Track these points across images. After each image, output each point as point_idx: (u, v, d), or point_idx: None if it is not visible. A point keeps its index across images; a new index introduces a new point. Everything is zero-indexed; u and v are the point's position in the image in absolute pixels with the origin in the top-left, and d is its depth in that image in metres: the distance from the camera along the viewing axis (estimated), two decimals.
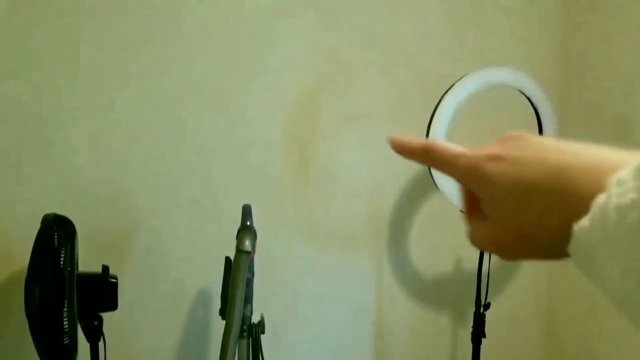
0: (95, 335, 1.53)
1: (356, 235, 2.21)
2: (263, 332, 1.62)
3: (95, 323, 1.53)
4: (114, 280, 1.53)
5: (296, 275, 2.15)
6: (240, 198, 2.00)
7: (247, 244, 1.49)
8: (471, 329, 2.00)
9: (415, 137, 0.52)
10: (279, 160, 2.09)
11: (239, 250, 1.49)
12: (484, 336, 1.96)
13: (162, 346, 2.01)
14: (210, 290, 2.05)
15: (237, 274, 1.49)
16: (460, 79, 1.74)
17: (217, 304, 2.01)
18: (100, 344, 1.53)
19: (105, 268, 1.56)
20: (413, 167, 2.25)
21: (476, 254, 2.34)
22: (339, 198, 2.17)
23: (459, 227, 1.92)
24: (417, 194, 2.28)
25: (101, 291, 1.52)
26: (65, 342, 1.33)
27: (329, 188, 2.16)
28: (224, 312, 1.69)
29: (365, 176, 2.20)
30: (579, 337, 2.32)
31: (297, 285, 2.15)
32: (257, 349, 1.60)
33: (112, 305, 1.53)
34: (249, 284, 1.60)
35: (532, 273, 2.46)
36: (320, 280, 2.18)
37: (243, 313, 1.53)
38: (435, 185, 1.78)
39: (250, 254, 1.50)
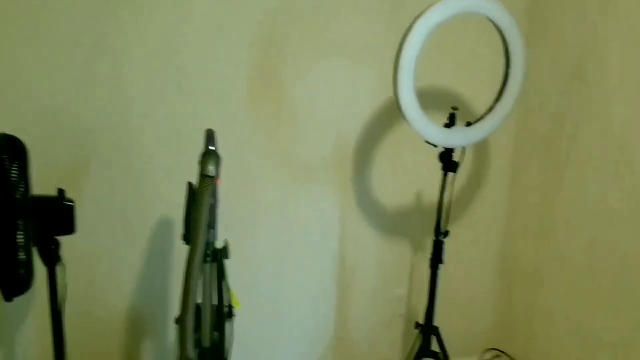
0: (52, 258, 1.49)
1: (322, 167, 2.20)
2: (227, 257, 1.61)
3: (52, 246, 1.49)
4: (70, 203, 1.47)
5: (265, 202, 2.13)
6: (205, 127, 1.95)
7: (211, 169, 1.45)
8: (426, 252, 2.07)
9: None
10: (248, 94, 2.02)
11: (203, 175, 1.45)
12: (442, 262, 2.03)
13: (123, 271, 1.99)
14: (172, 216, 2.02)
15: (201, 199, 1.46)
16: (432, 5, 1.69)
17: (178, 230, 1.99)
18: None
19: (61, 191, 1.49)
20: (377, 103, 2.23)
21: (433, 184, 2.38)
22: (306, 132, 2.14)
23: (420, 160, 1.95)
24: (380, 129, 2.26)
25: (57, 214, 1.46)
26: (20, 258, 1.29)
27: (298, 122, 2.12)
28: (187, 237, 1.67)
29: (331, 111, 2.17)
30: (529, 257, 2.44)
31: (265, 212, 2.14)
32: (221, 273, 1.60)
33: (69, 228, 1.48)
34: (213, 209, 1.57)
35: (490, 203, 2.53)
36: (287, 209, 2.17)
37: (207, 238, 1.51)
38: (403, 115, 1.76)
39: (214, 179, 1.46)
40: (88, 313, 1.97)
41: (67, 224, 1.47)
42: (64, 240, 1.48)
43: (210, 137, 1.51)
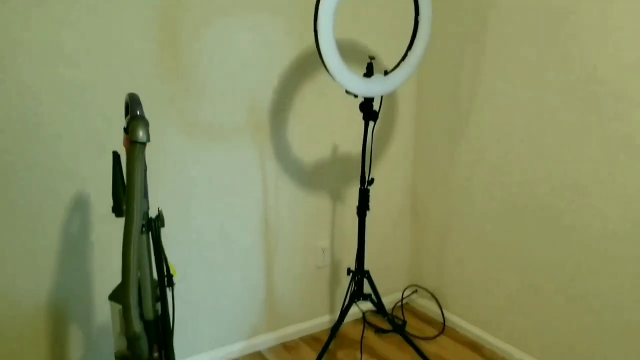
0: None
1: (240, 130, 2.15)
2: (163, 226, 1.54)
3: None
4: None
5: (188, 171, 2.06)
6: (118, 93, 1.83)
7: (141, 134, 1.36)
8: (348, 206, 2.14)
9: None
10: (159, 57, 1.89)
11: (134, 142, 1.36)
12: (368, 209, 2.11)
13: (37, 261, 1.84)
14: (86, 192, 1.88)
15: (134, 166, 1.37)
16: None
17: (94, 205, 1.87)
18: None
19: None
20: (290, 57, 2.21)
21: (350, 139, 2.45)
22: (221, 97, 2.07)
23: (335, 111, 1.99)
24: (293, 86, 2.26)
25: None
26: None
27: (211, 89, 2.04)
28: (117, 209, 1.58)
29: (244, 73, 2.11)
30: (436, 197, 2.61)
31: (190, 181, 2.07)
32: (158, 242, 1.54)
33: None
34: (144, 177, 1.49)
35: (398, 149, 2.65)
36: (211, 175, 2.12)
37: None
38: (325, 66, 1.77)
39: (145, 145, 1.38)
40: (4, 315, 1.81)
41: None
42: None
43: (135, 101, 1.42)
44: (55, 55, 1.72)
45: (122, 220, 1.80)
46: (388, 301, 2.74)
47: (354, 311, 2.67)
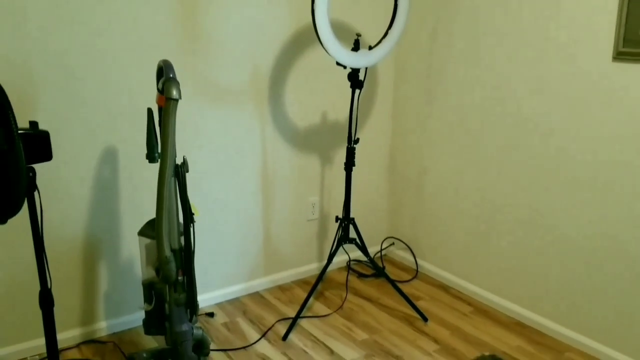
0: (31, 186, 1.64)
1: (242, 92, 2.47)
2: (187, 171, 1.87)
3: (30, 174, 1.64)
4: (46, 132, 1.63)
5: (198, 126, 2.37)
6: (134, 62, 2.13)
7: (175, 92, 1.68)
8: (336, 165, 2.47)
9: None
10: (171, 26, 2.20)
11: (169, 99, 1.67)
12: (354, 165, 2.46)
13: (72, 202, 2.15)
14: (115, 145, 2.19)
15: (168, 120, 1.69)
16: None
17: (122, 158, 2.19)
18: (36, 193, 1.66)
19: (34, 123, 1.64)
20: (288, 31, 2.53)
21: (338, 105, 2.79)
22: (225, 60, 2.38)
23: (324, 83, 2.41)
24: (290, 55, 2.58)
25: (34, 144, 1.61)
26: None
27: (217, 51, 2.35)
28: (150, 156, 1.90)
29: (247, 40, 2.42)
30: (411, 155, 2.98)
31: (200, 134, 2.38)
32: (184, 184, 1.86)
33: (47, 156, 1.64)
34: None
35: (379, 113, 3.00)
36: (218, 130, 2.43)
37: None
38: (320, 41, 2.10)
39: (178, 101, 1.70)
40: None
41: (45, 152, 1.63)
42: None
43: (168, 66, 1.73)
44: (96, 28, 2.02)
45: (149, 166, 2.14)
46: (369, 252, 3.12)
47: (339, 259, 3.04)
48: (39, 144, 1.61)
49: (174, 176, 1.84)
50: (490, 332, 2.43)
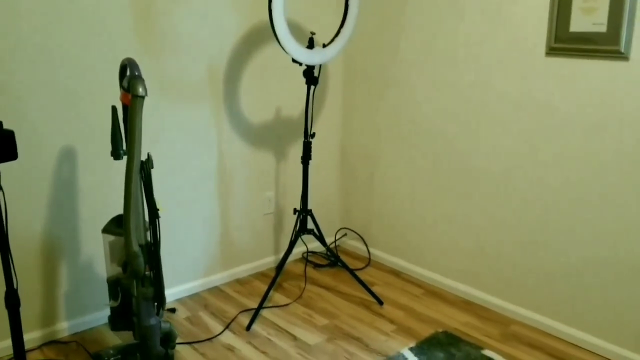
0: None
1: (198, 89, 2.51)
2: (152, 167, 1.90)
3: None
4: (11, 132, 1.62)
5: (153, 123, 2.39)
6: (93, 59, 2.13)
7: (141, 90, 1.71)
8: (290, 160, 2.55)
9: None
10: (128, 23, 2.21)
11: (135, 96, 1.70)
12: (310, 158, 2.55)
13: (32, 202, 2.12)
14: (74, 144, 2.18)
15: (134, 117, 1.72)
16: None
17: (80, 153, 2.19)
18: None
19: None
20: (242, 29, 2.58)
21: (291, 101, 2.87)
22: (181, 57, 2.41)
23: (278, 81, 2.52)
24: (245, 54, 2.64)
25: (0, 143, 1.61)
26: None
27: (172, 48, 2.38)
28: (116, 154, 1.92)
29: (202, 37, 2.46)
30: (362, 148, 3.11)
31: (153, 130, 2.40)
32: (148, 180, 1.89)
33: (13, 155, 1.64)
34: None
35: (330, 107, 3.11)
36: (173, 127, 2.46)
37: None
38: (277, 39, 2.17)
39: (144, 98, 1.73)
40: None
41: (10, 151, 1.62)
42: None
43: (133, 64, 1.76)
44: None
45: (109, 163, 2.15)
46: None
47: (295, 251, 3.13)
48: (4, 143, 1.60)
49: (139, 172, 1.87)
50: (441, 311, 2.60)
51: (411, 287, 2.84)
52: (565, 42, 2.14)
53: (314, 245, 3.18)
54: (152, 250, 1.95)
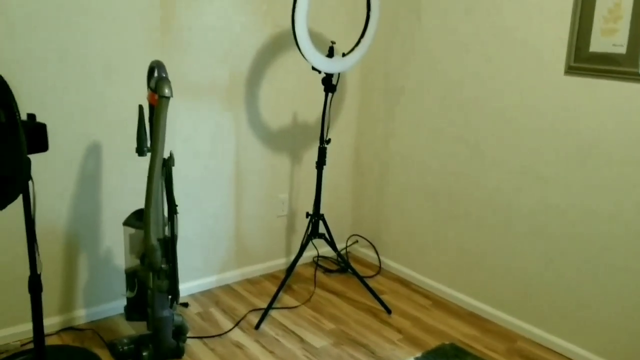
0: (27, 175, 1.72)
1: (219, 92, 2.59)
2: (173, 165, 1.97)
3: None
4: (43, 125, 1.71)
5: (177, 122, 2.47)
6: (122, 59, 2.21)
7: (167, 90, 1.79)
8: (305, 164, 2.61)
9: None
10: (154, 27, 2.30)
11: (161, 96, 1.78)
12: (325, 164, 2.61)
13: (58, 194, 2.21)
14: (100, 139, 2.27)
15: (160, 116, 1.80)
16: None
17: (105, 149, 2.27)
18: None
19: (32, 115, 1.72)
20: (264, 36, 2.66)
21: (308, 107, 2.94)
22: (204, 61, 2.50)
23: (296, 86, 2.59)
24: (265, 61, 2.71)
25: (33, 135, 1.69)
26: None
27: (196, 52, 2.46)
28: (140, 150, 2.00)
29: (225, 44, 2.54)
30: (376, 157, 3.16)
31: (174, 130, 2.48)
32: (170, 176, 1.97)
33: (44, 146, 1.72)
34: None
35: (346, 116, 3.17)
36: (195, 126, 2.54)
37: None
38: (299, 47, 2.24)
39: (169, 99, 1.81)
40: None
41: (41, 143, 1.71)
42: None
43: (160, 66, 1.84)
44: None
45: (132, 159, 2.23)
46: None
47: (305, 255, 3.18)
48: (36, 136, 1.69)
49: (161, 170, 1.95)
50: (448, 323, 2.63)
51: (419, 298, 2.88)
52: (584, 61, 2.18)
53: (325, 250, 3.23)
54: (169, 245, 2.02)
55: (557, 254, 2.37)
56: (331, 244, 2.71)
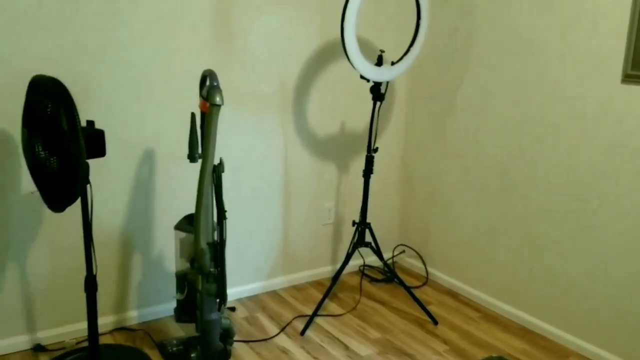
0: (85, 179, 1.80)
1: (268, 100, 2.64)
2: (223, 171, 2.02)
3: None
4: (101, 131, 1.79)
5: (227, 130, 2.54)
6: (176, 69, 2.29)
7: (218, 99, 1.84)
8: (352, 172, 2.62)
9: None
10: (209, 39, 2.37)
11: (213, 104, 1.84)
12: (372, 172, 2.61)
13: (113, 198, 2.31)
14: (154, 146, 2.36)
15: (211, 124, 1.85)
16: None
17: (159, 160, 2.35)
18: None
19: (91, 122, 1.80)
20: (313, 46, 2.70)
21: (356, 115, 2.95)
22: (255, 70, 2.55)
23: (344, 95, 2.61)
24: (314, 70, 2.75)
25: (91, 140, 1.78)
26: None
27: (247, 61, 2.52)
28: (191, 157, 2.06)
29: (276, 53, 2.59)
30: (424, 168, 3.13)
31: (224, 137, 2.55)
32: (219, 182, 2.01)
33: (102, 152, 1.80)
34: None
35: (393, 125, 3.16)
36: (245, 135, 2.60)
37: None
38: (347, 56, 2.26)
39: (220, 107, 1.86)
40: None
41: (99, 149, 1.79)
42: None
43: (213, 75, 1.90)
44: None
45: (183, 165, 2.30)
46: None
47: (351, 264, 3.18)
48: (95, 141, 1.77)
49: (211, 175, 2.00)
50: (496, 336, 2.56)
51: (468, 310, 2.82)
52: None
53: (371, 259, 3.22)
54: (218, 249, 2.07)
55: (622, 271, 2.27)
56: (377, 253, 2.70)
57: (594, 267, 2.35)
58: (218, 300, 2.11)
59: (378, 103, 2.52)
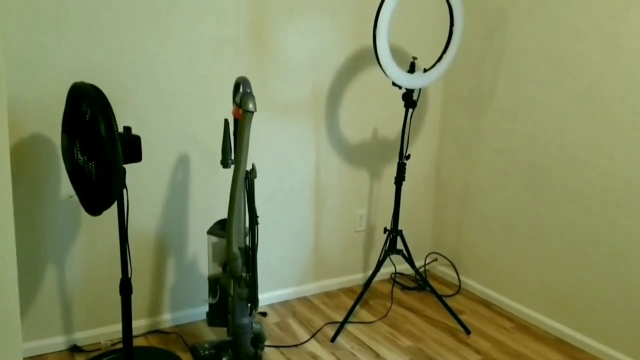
0: (122, 184, 1.85)
1: (301, 107, 2.66)
2: (255, 177, 2.05)
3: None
4: (138, 137, 1.84)
5: (261, 135, 2.57)
6: (211, 76, 2.34)
7: (251, 105, 1.87)
8: (384, 180, 2.61)
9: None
10: (243, 46, 2.41)
11: (246, 111, 1.87)
12: (404, 179, 2.60)
13: (148, 201, 2.36)
14: (188, 152, 2.40)
15: (243, 130, 1.88)
16: None
17: (193, 161, 2.40)
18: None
19: (128, 128, 1.85)
20: (346, 53, 2.71)
21: (388, 122, 2.94)
22: (289, 78, 2.58)
23: (377, 102, 2.61)
24: (346, 76, 2.76)
25: (128, 146, 1.82)
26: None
27: (282, 69, 2.55)
28: (224, 162, 2.09)
29: (308, 61, 2.62)
30: (457, 175, 3.10)
31: (262, 143, 2.58)
32: (252, 188, 2.04)
33: (138, 157, 1.85)
34: None
35: (426, 132, 3.14)
36: (277, 141, 2.63)
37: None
38: (380, 63, 2.27)
39: (253, 113, 1.89)
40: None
41: (136, 154, 1.84)
42: None
43: (246, 82, 1.93)
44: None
45: (217, 171, 2.33)
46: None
47: (382, 272, 3.16)
48: (131, 147, 1.82)
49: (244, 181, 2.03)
50: (530, 347, 2.51)
51: (501, 320, 2.77)
52: None
53: (403, 267, 3.20)
54: (250, 254, 2.09)
55: None
56: (409, 260, 2.68)
57: (636, 280, 2.27)
58: (249, 304, 2.13)
59: (410, 110, 2.51)
